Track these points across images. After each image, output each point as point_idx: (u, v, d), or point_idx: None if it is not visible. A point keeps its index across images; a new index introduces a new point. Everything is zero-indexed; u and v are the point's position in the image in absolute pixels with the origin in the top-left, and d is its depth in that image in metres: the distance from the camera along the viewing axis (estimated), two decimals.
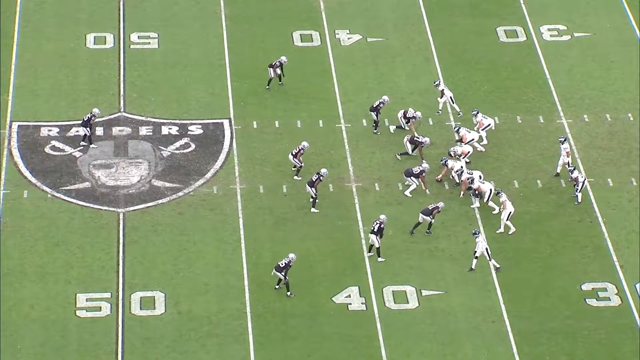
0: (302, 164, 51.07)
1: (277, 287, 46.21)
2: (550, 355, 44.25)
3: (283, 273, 45.78)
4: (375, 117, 53.05)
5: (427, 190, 49.95)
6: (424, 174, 50.13)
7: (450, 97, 53.35)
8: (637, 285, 46.79)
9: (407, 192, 50.28)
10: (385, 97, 53.27)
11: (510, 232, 48.69)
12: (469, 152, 51.25)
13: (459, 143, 51.50)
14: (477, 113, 52.22)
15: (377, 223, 47.08)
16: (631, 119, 54.10)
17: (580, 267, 47.52)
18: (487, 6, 60.19)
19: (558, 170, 51.13)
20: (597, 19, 59.63)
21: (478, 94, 54.37)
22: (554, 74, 56.38)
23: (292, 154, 51.10)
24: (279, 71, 54.95)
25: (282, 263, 45.81)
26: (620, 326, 45.34)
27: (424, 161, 50.83)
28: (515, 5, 60.26)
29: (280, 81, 55.17)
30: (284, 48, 57.43)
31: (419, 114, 52.52)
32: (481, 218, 49.49)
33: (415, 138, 51.57)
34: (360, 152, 52.20)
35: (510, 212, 48.46)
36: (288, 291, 46.06)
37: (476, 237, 46.83)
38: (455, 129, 52.03)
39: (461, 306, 45.94)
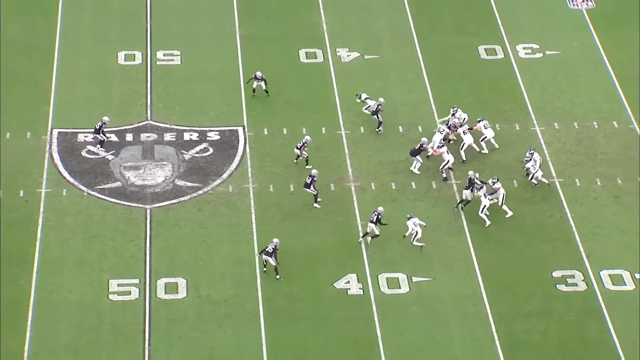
0: (307, 155, 51.18)
1: (264, 269, 46.23)
2: (525, 335, 44.36)
3: (273, 257, 45.77)
4: (379, 119, 53.12)
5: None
6: (424, 146, 50.46)
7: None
8: (601, 273, 46.87)
9: (414, 169, 50.66)
10: (381, 99, 53.38)
11: (507, 216, 48.90)
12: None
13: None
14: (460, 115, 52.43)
15: (375, 214, 47.22)
16: (596, 127, 54.05)
17: (551, 257, 47.58)
18: (470, 27, 60.09)
19: (532, 179, 51.07)
20: (566, 39, 59.53)
21: (462, 104, 54.05)
22: (528, 88, 56.33)
23: (297, 147, 51.19)
24: (263, 85, 54.79)
25: (269, 248, 45.78)
26: (587, 309, 45.43)
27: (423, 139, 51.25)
28: (494, 26, 60.13)
29: (260, 91, 54.91)
30: (291, 64, 57.53)
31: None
32: (466, 219, 49.78)
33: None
34: (358, 156, 52.27)
35: (504, 195, 48.77)
36: (277, 275, 46.06)
37: (408, 220, 47.13)
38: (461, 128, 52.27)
39: (447, 291, 46.02)
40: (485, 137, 52.24)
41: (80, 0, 61.35)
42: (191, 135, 53.23)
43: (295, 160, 51.47)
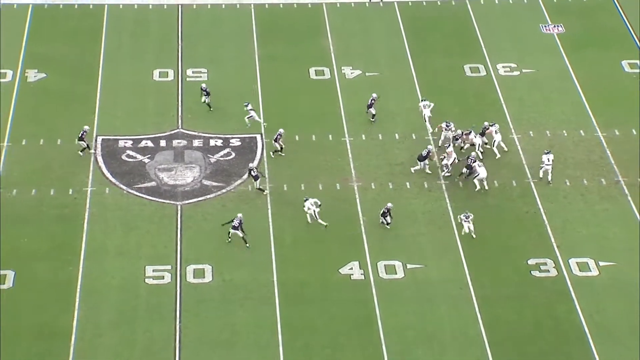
0: (283, 146, 51.20)
1: (228, 240, 46.58)
2: (503, 314, 44.27)
3: (240, 229, 46.10)
4: (372, 111, 53.53)
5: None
6: (430, 154, 50.41)
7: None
8: (570, 261, 46.69)
9: (413, 169, 50.75)
10: (374, 95, 53.71)
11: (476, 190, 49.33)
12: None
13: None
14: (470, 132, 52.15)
15: (386, 208, 47.32)
16: (565, 134, 53.75)
17: (527, 247, 47.39)
18: (456, 49, 59.80)
19: (541, 176, 50.84)
20: (540, 59, 59.20)
21: (450, 115, 53.92)
22: (507, 101, 56.04)
23: (274, 140, 51.31)
24: (207, 97, 54.38)
25: (235, 223, 46.16)
26: (557, 292, 45.30)
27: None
28: (477, 48, 59.83)
29: (207, 103, 54.60)
30: (302, 80, 57.29)
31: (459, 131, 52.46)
32: (453, 212, 49.53)
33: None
34: (360, 160, 51.98)
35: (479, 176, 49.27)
36: (247, 243, 46.39)
37: (304, 202, 47.47)
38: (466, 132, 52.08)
39: (437, 277, 45.90)
40: (495, 140, 51.90)
41: (121, 26, 61.23)
42: (216, 141, 53.05)
43: (272, 154, 51.42)
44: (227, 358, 42.30)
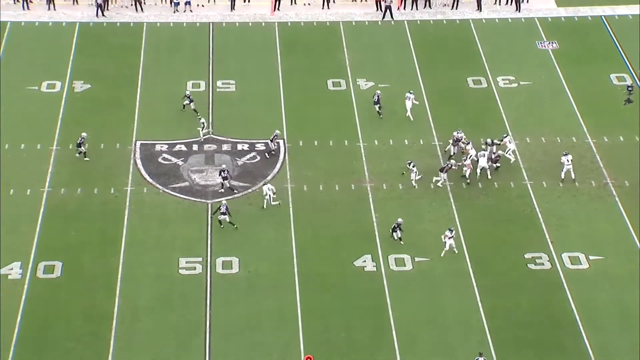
0: (277, 147, 51.14)
1: (222, 227, 46.54)
2: (502, 303, 44.07)
3: (228, 214, 46.23)
4: (378, 108, 53.92)
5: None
6: (453, 167, 49.84)
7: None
8: (563, 255, 46.44)
9: (436, 180, 49.89)
10: (378, 92, 54.00)
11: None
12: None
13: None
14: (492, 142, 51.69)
15: (396, 224, 46.49)
16: (559, 141, 53.36)
17: (524, 242, 47.16)
18: (460, 63, 59.51)
19: (562, 177, 50.50)
20: (536, 72, 58.82)
21: (455, 123, 53.72)
22: (506, 110, 55.72)
23: (270, 140, 51.19)
24: (190, 104, 54.11)
25: (223, 209, 46.42)
26: (551, 283, 45.07)
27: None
28: (479, 62, 59.51)
29: (188, 108, 54.16)
30: (321, 91, 57.09)
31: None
32: (456, 208, 49.30)
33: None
34: (373, 163, 51.71)
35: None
36: (235, 225, 46.60)
37: (263, 186, 47.92)
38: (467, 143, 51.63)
39: (441, 269, 45.71)
40: (509, 149, 51.59)
41: (158, 42, 61.20)
42: (243, 146, 52.94)
43: (267, 155, 51.22)
44: (252, 340, 42.26)
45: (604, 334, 42.76)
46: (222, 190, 49.41)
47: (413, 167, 49.84)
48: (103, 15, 62.64)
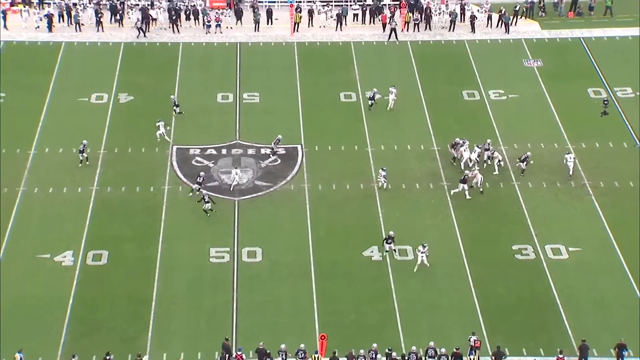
0: (278, 150, 51.21)
1: (208, 215, 46.77)
2: (493, 290, 44.17)
3: (211, 202, 46.63)
4: (371, 102, 54.73)
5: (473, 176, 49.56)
6: (467, 178, 49.13)
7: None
8: (546, 247, 46.51)
9: (458, 190, 49.18)
10: (375, 89, 54.61)
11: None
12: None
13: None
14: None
15: (388, 236, 45.71)
16: (543, 146, 53.36)
17: (512, 235, 47.23)
18: (456, 78, 59.48)
19: (571, 173, 50.61)
20: (523, 86, 58.76)
21: (452, 132, 53.82)
22: (497, 119, 55.72)
23: (273, 143, 51.35)
24: (177, 109, 54.57)
25: (207, 199, 46.47)
26: (535, 272, 45.16)
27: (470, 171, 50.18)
28: (473, 78, 59.48)
29: (179, 113, 54.56)
30: (334, 103, 57.11)
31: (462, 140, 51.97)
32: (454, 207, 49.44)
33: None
34: (379, 165, 51.50)
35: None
36: (213, 211, 46.81)
37: (233, 170, 47.92)
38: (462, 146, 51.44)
39: (439, 258, 45.78)
40: (497, 158, 51.43)
41: (192, 59, 61.44)
42: (265, 150, 53.09)
43: (273, 155, 51.26)
44: (274, 321, 42.53)
45: (581, 316, 42.93)
46: (191, 194, 48.78)
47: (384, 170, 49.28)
48: (144, 36, 63.11)
